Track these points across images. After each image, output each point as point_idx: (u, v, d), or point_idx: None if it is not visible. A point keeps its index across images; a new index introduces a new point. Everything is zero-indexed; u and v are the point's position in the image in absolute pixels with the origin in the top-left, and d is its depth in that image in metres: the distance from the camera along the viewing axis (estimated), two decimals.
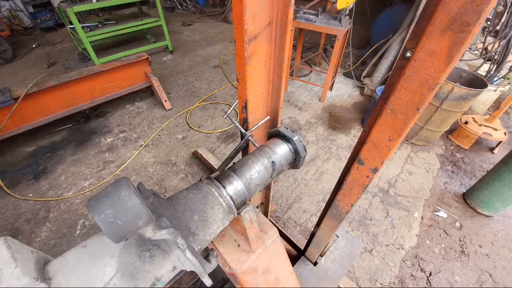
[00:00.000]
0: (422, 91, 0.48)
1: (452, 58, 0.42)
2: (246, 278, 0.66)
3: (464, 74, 2.61)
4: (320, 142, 2.87)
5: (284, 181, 2.42)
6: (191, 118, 3.10)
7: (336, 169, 2.56)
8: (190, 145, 2.74)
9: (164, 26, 4.02)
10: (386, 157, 0.63)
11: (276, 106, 0.80)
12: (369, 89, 3.56)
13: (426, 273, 1.85)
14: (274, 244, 0.71)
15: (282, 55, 0.67)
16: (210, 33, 5.32)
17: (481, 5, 0.35)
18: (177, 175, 2.43)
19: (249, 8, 0.50)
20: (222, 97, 3.46)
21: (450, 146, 2.92)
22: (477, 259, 1.93)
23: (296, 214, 2.16)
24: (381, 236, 2.03)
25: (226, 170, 0.63)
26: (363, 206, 2.24)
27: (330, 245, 1.36)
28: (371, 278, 1.79)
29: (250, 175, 0.61)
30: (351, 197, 0.83)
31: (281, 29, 0.63)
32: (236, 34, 0.56)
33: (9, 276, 0.36)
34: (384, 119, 0.57)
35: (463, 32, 0.38)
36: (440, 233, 2.09)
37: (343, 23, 2.75)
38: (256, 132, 0.82)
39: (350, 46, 3.37)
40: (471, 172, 2.62)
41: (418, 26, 0.44)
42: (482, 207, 2.19)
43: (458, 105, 2.39)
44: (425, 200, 2.32)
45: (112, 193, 0.39)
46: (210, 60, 4.34)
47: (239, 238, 0.68)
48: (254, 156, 0.65)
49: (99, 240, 0.49)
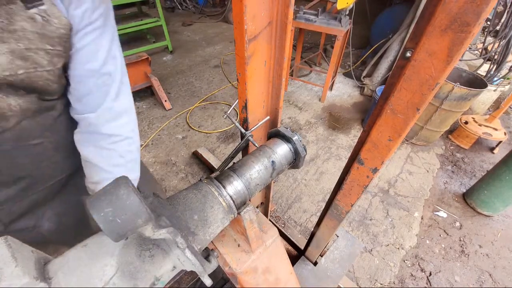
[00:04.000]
0: (422, 91, 0.48)
1: (452, 58, 0.42)
2: (246, 278, 0.66)
3: (464, 74, 2.61)
4: (320, 142, 2.87)
5: (284, 181, 2.42)
6: (191, 118, 3.10)
7: (336, 169, 2.56)
8: (190, 145, 2.74)
9: (164, 26, 4.02)
10: (386, 157, 0.63)
11: (276, 106, 0.80)
12: (369, 89, 3.56)
13: (426, 273, 1.85)
14: (274, 244, 0.71)
15: (282, 55, 0.67)
16: (210, 33, 5.32)
17: (481, 5, 0.35)
18: (177, 175, 2.43)
19: (249, 8, 0.50)
20: (222, 97, 3.46)
21: (450, 146, 2.92)
22: (477, 259, 1.93)
23: (296, 214, 2.16)
24: (381, 236, 2.03)
25: (226, 170, 0.63)
26: (363, 206, 2.24)
27: (330, 245, 1.36)
28: (371, 278, 1.80)
29: (250, 175, 0.61)
30: (351, 197, 0.83)
31: (281, 29, 0.63)
32: (236, 34, 0.56)
33: (10, 275, 0.36)
34: (384, 119, 0.57)
35: (463, 32, 0.38)
36: (440, 233, 2.09)
37: (343, 23, 2.75)
38: (256, 132, 0.82)
39: (350, 46, 3.37)
40: (471, 172, 2.62)
41: (418, 26, 0.44)
42: (482, 207, 2.19)
43: (458, 105, 2.39)
44: (425, 200, 2.32)
45: (111, 192, 0.39)
46: (210, 60, 4.34)
47: (239, 238, 0.68)
48: (254, 156, 0.65)
49: (99, 240, 0.49)
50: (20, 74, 0.53)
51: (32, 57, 0.53)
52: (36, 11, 0.51)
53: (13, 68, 0.52)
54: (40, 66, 0.55)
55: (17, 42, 0.51)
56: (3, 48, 0.50)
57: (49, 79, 0.58)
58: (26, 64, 0.53)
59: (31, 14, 0.51)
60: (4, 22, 0.49)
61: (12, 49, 0.51)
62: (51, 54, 0.55)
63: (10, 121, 0.58)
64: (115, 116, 0.69)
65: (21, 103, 0.57)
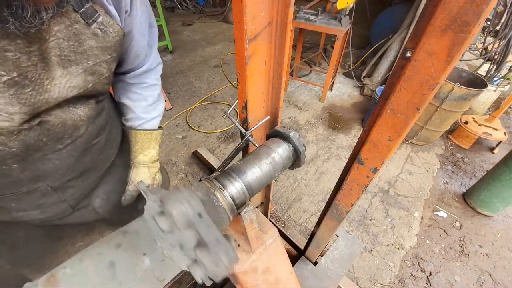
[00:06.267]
0: (422, 91, 0.48)
1: (452, 58, 0.42)
2: (246, 278, 0.66)
3: (464, 74, 2.61)
4: (320, 142, 2.87)
5: (284, 181, 2.42)
6: (191, 118, 3.10)
7: (336, 169, 2.56)
8: (190, 145, 2.74)
9: (164, 26, 4.02)
10: (386, 157, 0.63)
11: (276, 106, 0.80)
12: (369, 89, 3.56)
13: (426, 273, 1.85)
14: (274, 244, 0.71)
15: (282, 55, 0.67)
16: (210, 33, 5.32)
17: (481, 5, 0.35)
18: (177, 175, 2.43)
19: (249, 8, 0.50)
20: (222, 97, 3.46)
21: (450, 146, 2.92)
22: (477, 259, 1.93)
23: (296, 214, 2.16)
24: (381, 236, 2.03)
25: (226, 170, 0.63)
26: (363, 206, 2.24)
27: (330, 245, 1.36)
28: (371, 278, 1.80)
29: (250, 175, 0.61)
30: (351, 197, 0.83)
31: (281, 29, 0.63)
32: (236, 34, 0.56)
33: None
34: (384, 119, 0.57)
35: (463, 32, 0.38)
36: (440, 233, 2.09)
37: (343, 23, 2.75)
38: (256, 132, 0.82)
39: (350, 46, 3.37)
40: (471, 172, 2.62)
41: (418, 26, 0.44)
42: (482, 207, 2.19)
43: (458, 105, 2.39)
44: (425, 200, 2.32)
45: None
46: (210, 60, 4.34)
47: (239, 238, 0.68)
48: (254, 156, 0.65)
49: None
50: (90, 87, 0.59)
51: (97, 69, 0.58)
52: (96, 25, 0.53)
53: (86, 84, 0.57)
54: (102, 76, 0.60)
55: (87, 61, 0.54)
56: (78, 69, 0.53)
57: (106, 83, 0.65)
58: (94, 77, 0.58)
59: (93, 30, 0.53)
60: (75, 45, 0.51)
61: (84, 68, 0.54)
62: (109, 62, 0.60)
63: (81, 130, 0.66)
64: (154, 68, 0.84)
65: (86, 111, 0.64)
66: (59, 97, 0.53)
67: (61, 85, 0.52)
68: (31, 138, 0.55)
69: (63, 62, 0.50)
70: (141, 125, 0.87)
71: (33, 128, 0.54)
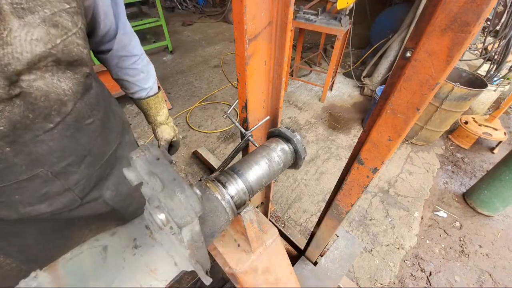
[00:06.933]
0: (422, 91, 0.48)
1: (452, 58, 0.42)
2: (246, 278, 0.66)
3: (464, 74, 2.61)
4: (320, 142, 2.87)
5: (284, 181, 2.42)
6: (191, 118, 3.10)
7: (336, 169, 2.56)
8: (190, 145, 2.74)
9: (164, 26, 4.02)
10: (386, 157, 0.63)
11: (276, 106, 0.80)
12: (369, 89, 3.56)
13: (426, 273, 1.85)
14: (274, 244, 0.71)
15: (282, 55, 0.67)
16: (210, 33, 5.32)
17: (481, 5, 0.35)
18: None
19: (249, 8, 0.50)
20: (222, 97, 3.46)
21: (450, 146, 2.92)
22: (477, 259, 1.93)
23: (296, 214, 2.16)
24: (381, 236, 2.03)
25: (226, 170, 0.63)
26: (363, 206, 2.24)
27: (330, 245, 1.36)
28: (371, 278, 1.80)
29: (250, 175, 0.61)
30: (351, 197, 0.83)
31: (281, 29, 0.63)
32: (236, 34, 0.56)
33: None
34: (384, 119, 0.57)
35: (463, 32, 0.38)
36: (440, 233, 2.09)
37: (343, 23, 2.75)
38: (256, 132, 0.82)
39: (350, 46, 3.37)
40: (471, 172, 2.62)
41: (418, 26, 0.44)
42: (482, 207, 2.19)
43: (458, 105, 2.39)
44: (425, 200, 2.32)
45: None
46: (210, 60, 4.34)
47: (239, 238, 0.68)
48: (254, 156, 0.65)
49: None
50: (59, 44, 0.55)
51: (59, 21, 0.55)
52: None
53: (52, 39, 0.54)
54: (68, 30, 0.57)
55: (43, 9, 0.51)
56: (35, 19, 0.51)
57: (79, 44, 0.61)
58: (58, 31, 0.55)
59: None
60: None
61: (42, 17, 0.51)
62: (70, 13, 0.57)
63: (68, 106, 0.64)
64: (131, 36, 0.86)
65: (71, 86, 0.63)
66: (26, 53, 0.51)
67: (22, 38, 0.49)
68: (16, 114, 0.54)
69: (16, 11, 0.48)
70: (148, 93, 1.00)
71: (15, 103, 0.53)
